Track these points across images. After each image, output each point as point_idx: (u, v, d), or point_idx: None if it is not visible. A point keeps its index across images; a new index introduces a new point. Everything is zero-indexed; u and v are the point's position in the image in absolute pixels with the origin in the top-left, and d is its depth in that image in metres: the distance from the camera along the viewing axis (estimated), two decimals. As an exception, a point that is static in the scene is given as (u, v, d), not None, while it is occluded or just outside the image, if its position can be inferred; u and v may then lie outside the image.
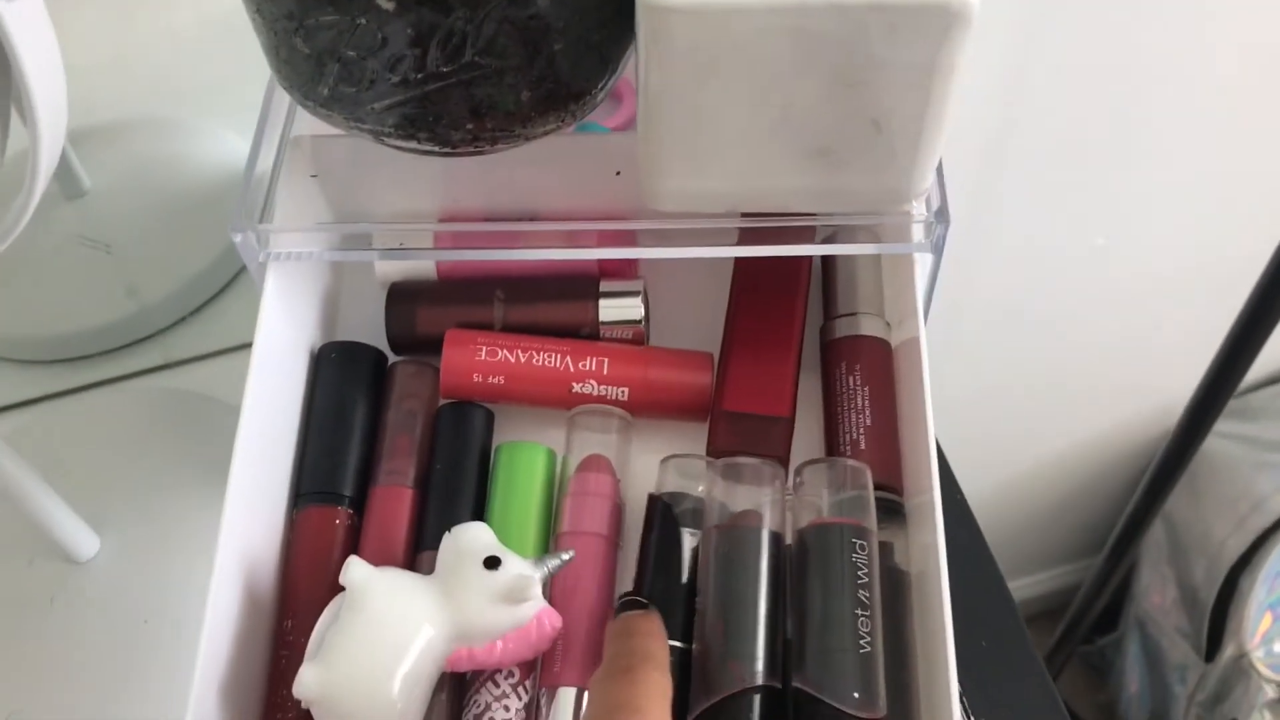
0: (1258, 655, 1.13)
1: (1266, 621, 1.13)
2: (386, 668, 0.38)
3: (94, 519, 0.55)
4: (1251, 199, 0.97)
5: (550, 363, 0.45)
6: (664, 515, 0.41)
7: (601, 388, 0.45)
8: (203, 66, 0.69)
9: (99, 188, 0.66)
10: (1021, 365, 1.11)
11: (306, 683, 0.38)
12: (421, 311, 0.47)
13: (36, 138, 0.32)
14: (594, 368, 0.45)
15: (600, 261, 0.46)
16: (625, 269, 0.48)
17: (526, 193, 0.44)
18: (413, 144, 0.41)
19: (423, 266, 0.46)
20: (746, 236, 0.39)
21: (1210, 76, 0.84)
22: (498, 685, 0.40)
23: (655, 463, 0.42)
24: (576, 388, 0.45)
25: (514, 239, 0.40)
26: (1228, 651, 1.15)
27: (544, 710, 0.39)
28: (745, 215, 0.40)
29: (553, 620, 0.40)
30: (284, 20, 0.38)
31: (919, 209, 0.40)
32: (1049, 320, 1.05)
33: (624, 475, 0.44)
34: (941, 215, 0.39)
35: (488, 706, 0.39)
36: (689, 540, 0.40)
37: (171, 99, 0.71)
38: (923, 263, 0.41)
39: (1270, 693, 1.13)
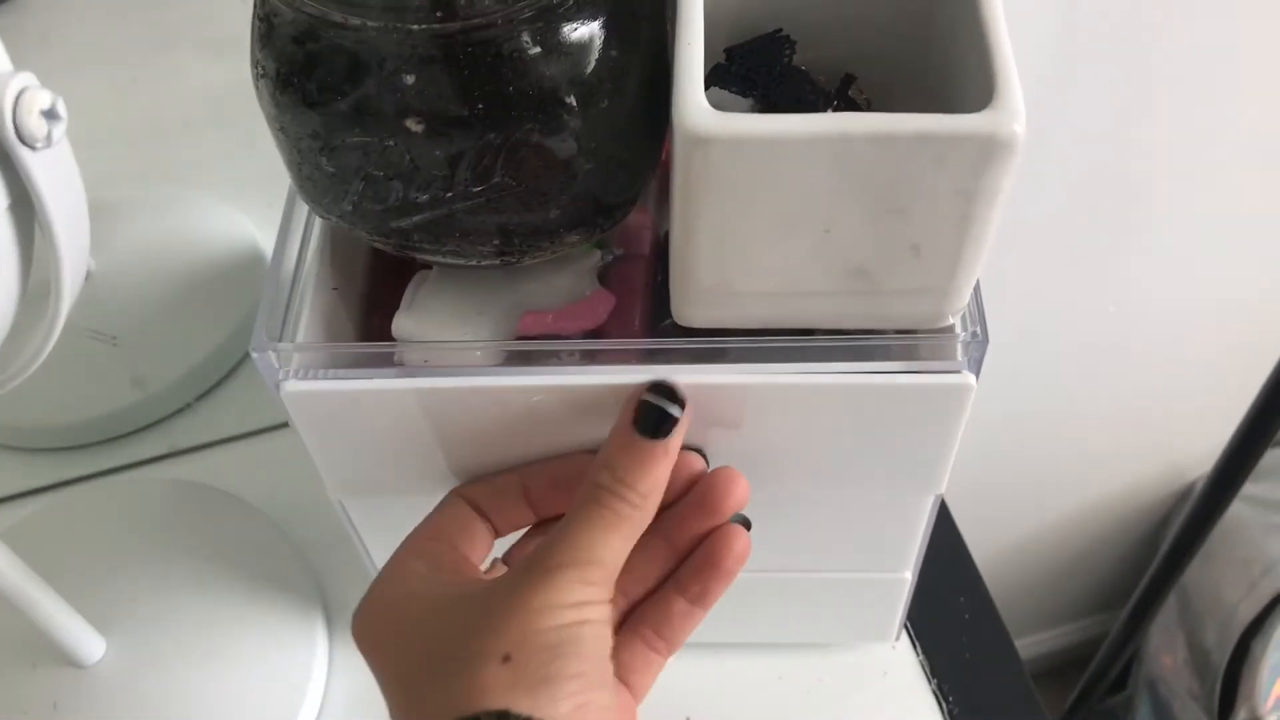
0: (1271, 720, 1.12)
1: (1279, 687, 1.11)
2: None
3: (99, 618, 0.54)
4: (1265, 263, 0.97)
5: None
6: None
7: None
8: (208, 142, 0.69)
9: (104, 270, 0.65)
10: (1032, 423, 1.10)
11: (403, 325, 0.41)
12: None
13: (59, 277, 0.31)
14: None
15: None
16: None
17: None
18: (437, 257, 0.40)
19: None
20: (783, 355, 0.38)
21: (1226, 138, 0.84)
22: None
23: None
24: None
25: (546, 359, 0.39)
26: (1240, 716, 1.13)
27: None
28: (779, 333, 0.39)
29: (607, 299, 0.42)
30: (309, 139, 0.37)
31: (958, 328, 0.39)
32: (1061, 381, 1.05)
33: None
34: (981, 336, 0.38)
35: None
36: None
37: (176, 176, 0.70)
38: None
39: (1284, 758, 1.12)
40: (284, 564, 0.58)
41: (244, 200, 0.69)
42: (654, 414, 0.37)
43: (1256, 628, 1.12)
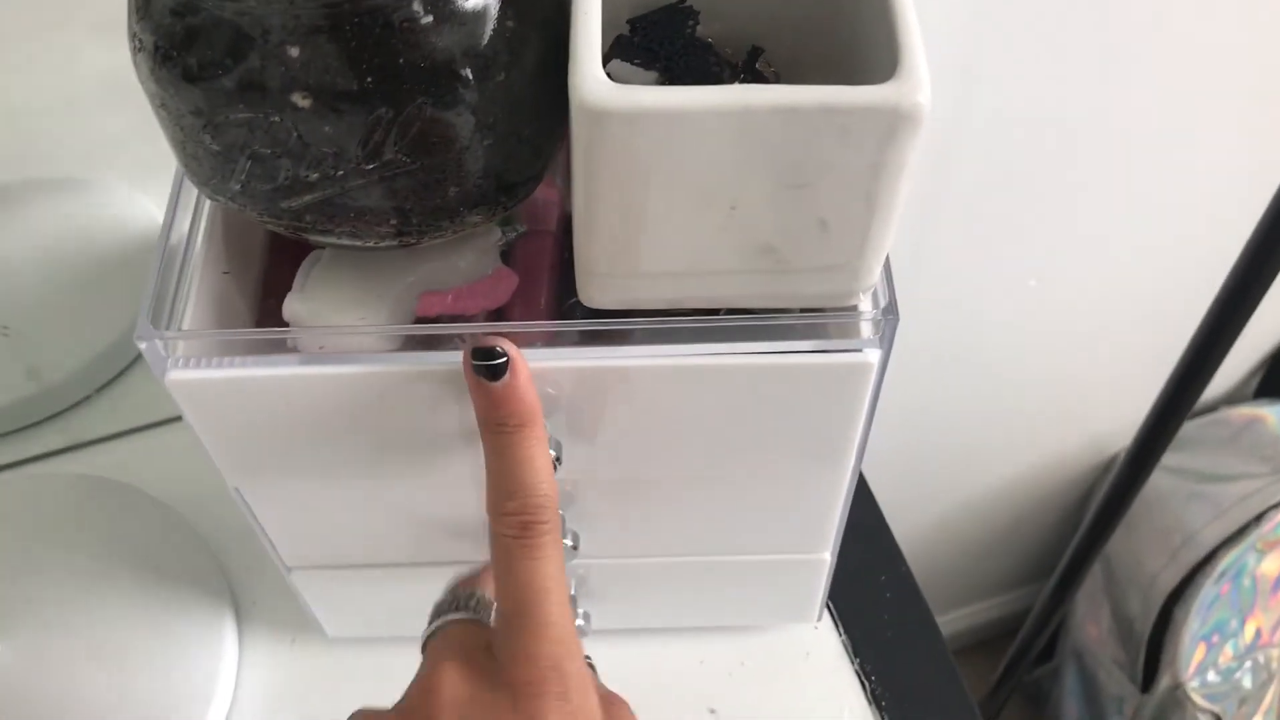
0: (1193, 686, 1.14)
1: (1200, 652, 1.14)
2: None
3: (-6, 620, 0.52)
4: (1181, 238, 0.98)
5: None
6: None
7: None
8: (107, 122, 0.66)
9: (-5, 257, 0.62)
10: (957, 401, 1.11)
11: (294, 308, 0.39)
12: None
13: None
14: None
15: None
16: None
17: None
18: (331, 239, 0.38)
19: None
20: (689, 336, 0.37)
21: (1143, 116, 0.85)
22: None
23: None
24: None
25: (446, 342, 0.38)
26: (1163, 682, 1.16)
27: None
28: (686, 314, 0.38)
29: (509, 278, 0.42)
30: (191, 117, 0.35)
31: (866, 305, 0.38)
32: (985, 358, 1.05)
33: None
34: (890, 312, 0.37)
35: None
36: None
37: (73, 158, 0.67)
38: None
39: (1206, 723, 1.15)
40: (191, 558, 0.56)
41: (146, 183, 0.67)
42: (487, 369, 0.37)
43: (1177, 596, 1.14)
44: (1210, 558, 1.11)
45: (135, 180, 0.66)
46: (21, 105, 0.63)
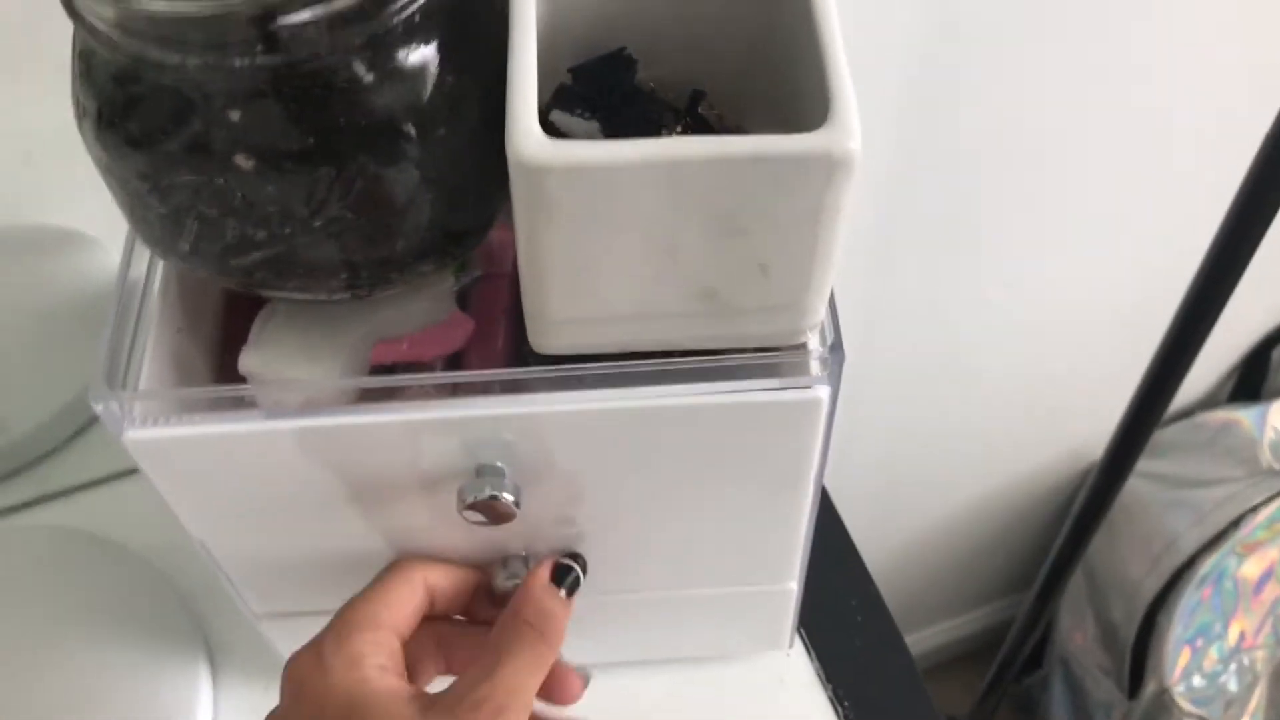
0: (1178, 691, 1.15)
1: (1185, 657, 1.14)
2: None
3: (-34, 679, 0.52)
4: (1154, 238, 0.99)
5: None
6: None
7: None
8: (67, 169, 0.66)
9: (-40, 306, 0.62)
10: (933, 415, 1.11)
11: (248, 362, 0.40)
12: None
13: None
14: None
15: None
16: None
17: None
18: (284, 294, 0.39)
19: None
20: (641, 379, 0.38)
21: (1109, 121, 0.85)
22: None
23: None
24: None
25: (403, 394, 0.38)
26: (1149, 688, 1.16)
27: None
28: (637, 357, 0.38)
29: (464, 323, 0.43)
30: (137, 180, 0.35)
31: (814, 343, 0.38)
32: (958, 371, 1.06)
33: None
34: (836, 350, 0.38)
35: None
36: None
37: (32, 206, 0.67)
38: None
39: (1192, 727, 1.15)
40: (163, 607, 0.56)
41: (110, 235, 0.67)
42: (567, 574, 0.42)
43: (1161, 602, 1.14)
44: (1191, 563, 1.12)
45: (100, 231, 0.66)
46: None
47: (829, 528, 0.59)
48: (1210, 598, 1.13)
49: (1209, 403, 1.28)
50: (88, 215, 0.67)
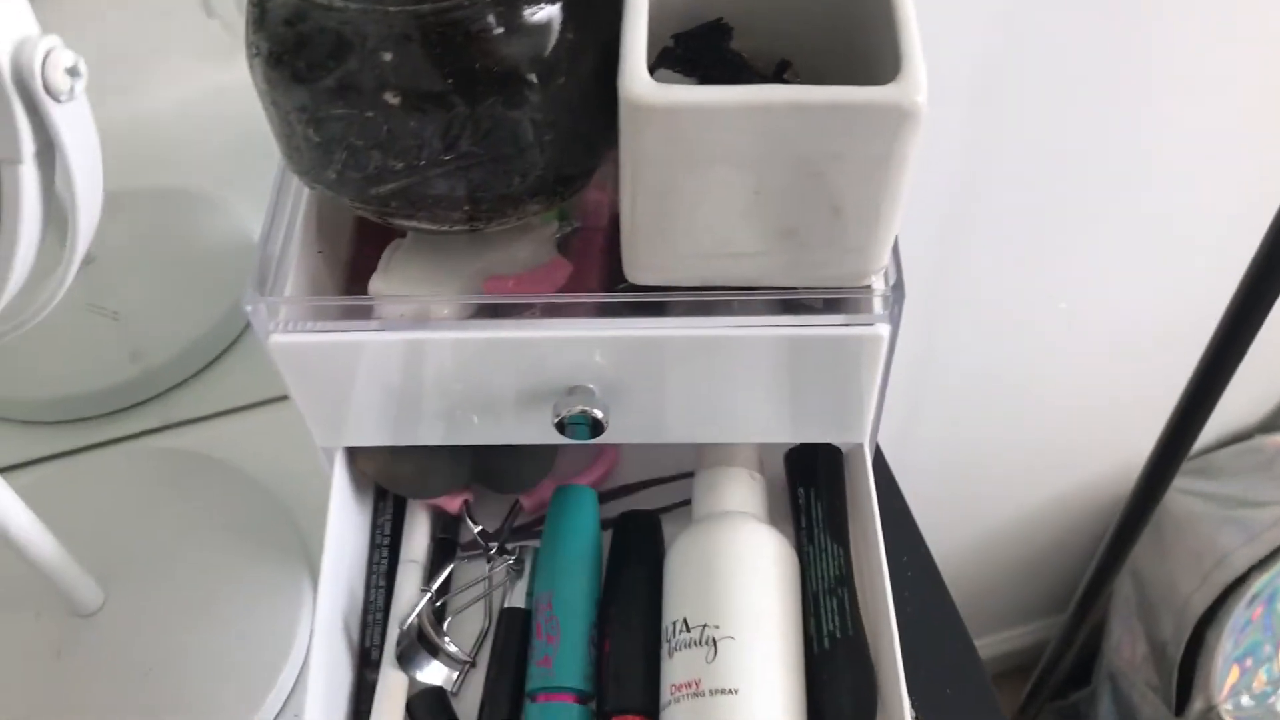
0: (1226, 708, 1.16)
1: (1234, 674, 1.15)
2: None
3: (98, 574, 0.57)
4: (1206, 261, 1.01)
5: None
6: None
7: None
8: (211, 136, 0.73)
9: (107, 255, 0.69)
10: (988, 426, 1.14)
11: (378, 286, 0.45)
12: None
13: (75, 221, 0.35)
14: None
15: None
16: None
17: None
18: (412, 223, 0.44)
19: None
20: (714, 310, 0.43)
21: (1166, 144, 0.89)
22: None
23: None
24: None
25: (509, 312, 0.44)
26: (1197, 705, 1.17)
27: None
28: (717, 290, 0.43)
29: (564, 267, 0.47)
30: (297, 113, 0.41)
31: (878, 284, 0.43)
32: (1014, 382, 1.09)
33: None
34: (898, 289, 0.42)
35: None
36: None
37: (179, 168, 0.74)
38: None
39: (1238, 745, 1.16)
40: (273, 527, 0.62)
41: (246, 191, 0.74)
42: None
43: (1210, 618, 1.16)
44: (1243, 580, 1.13)
45: (233, 188, 0.73)
46: (130, 118, 0.70)
47: (904, 529, 0.61)
48: (1260, 617, 1.14)
49: (1267, 426, 1.29)
50: (221, 175, 0.74)
